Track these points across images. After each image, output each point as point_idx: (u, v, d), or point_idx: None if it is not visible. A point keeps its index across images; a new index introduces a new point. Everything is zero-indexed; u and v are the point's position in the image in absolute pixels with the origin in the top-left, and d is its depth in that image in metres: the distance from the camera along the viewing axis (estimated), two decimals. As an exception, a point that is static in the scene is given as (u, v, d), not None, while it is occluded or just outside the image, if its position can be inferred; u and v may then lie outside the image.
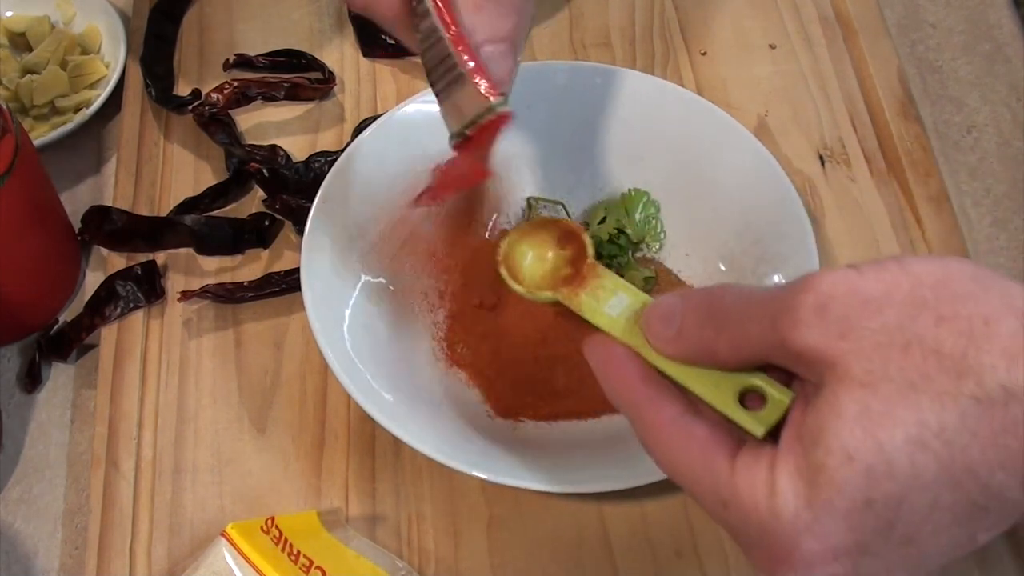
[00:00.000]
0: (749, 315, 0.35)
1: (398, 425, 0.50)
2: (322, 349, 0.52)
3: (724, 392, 0.37)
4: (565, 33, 0.71)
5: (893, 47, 0.70)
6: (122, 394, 0.58)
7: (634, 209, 0.60)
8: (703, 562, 0.52)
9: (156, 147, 0.67)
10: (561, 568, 0.52)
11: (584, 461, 0.51)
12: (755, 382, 0.37)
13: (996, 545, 0.52)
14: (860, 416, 0.31)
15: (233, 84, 0.67)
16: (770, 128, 0.66)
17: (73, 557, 0.55)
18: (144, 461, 0.56)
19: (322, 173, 0.59)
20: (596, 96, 0.61)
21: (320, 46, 0.71)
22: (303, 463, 0.55)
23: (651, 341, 0.38)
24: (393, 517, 0.54)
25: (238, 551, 0.48)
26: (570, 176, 0.62)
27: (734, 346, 0.36)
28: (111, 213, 0.62)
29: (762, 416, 0.36)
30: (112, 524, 0.54)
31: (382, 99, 0.69)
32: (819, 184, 0.64)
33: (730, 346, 0.36)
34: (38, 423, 0.59)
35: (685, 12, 0.72)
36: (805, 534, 0.32)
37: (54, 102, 0.68)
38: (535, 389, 0.55)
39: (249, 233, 0.62)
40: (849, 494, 0.31)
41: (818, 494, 0.32)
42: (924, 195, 0.63)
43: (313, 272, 0.54)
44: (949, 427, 0.31)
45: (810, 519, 0.32)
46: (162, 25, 0.71)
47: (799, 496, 0.32)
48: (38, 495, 0.57)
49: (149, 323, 0.60)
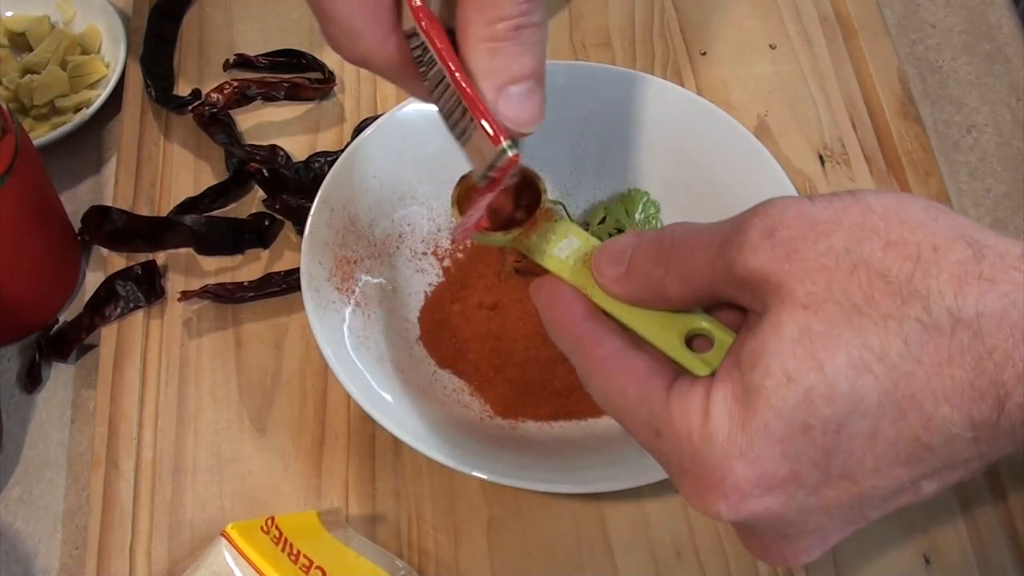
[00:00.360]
0: (698, 245, 0.34)
1: (398, 425, 0.50)
2: (322, 349, 0.52)
3: (670, 334, 0.36)
4: (565, 33, 0.71)
5: (893, 47, 0.70)
6: (122, 394, 0.58)
7: (634, 209, 0.60)
8: (703, 562, 0.52)
9: (156, 147, 0.67)
10: (561, 568, 0.52)
11: (584, 461, 0.51)
12: (702, 324, 0.36)
13: (996, 543, 0.52)
14: (801, 337, 0.30)
15: (233, 84, 0.67)
16: (770, 128, 0.66)
17: (73, 557, 0.55)
18: (144, 461, 0.56)
19: (322, 173, 0.59)
20: (596, 96, 0.61)
21: (320, 46, 0.71)
22: (303, 463, 0.55)
23: (599, 280, 0.38)
24: (393, 517, 0.54)
25: (238, 551, 0.48)
26: (570, 176, 0.62)
27: (682, 279, 0.35)
28: (111, 213, 0.61)
29: (707, 358, 0.36)
30: (112, 524, 0.54)
31: (382, 99, 0.69)
32: (819, 184, 0.64)
33: (679, 280, 0.35)
34: (38, 423, 0.59)
35: (685, 12, 0.72)
36: (738, 459, 0.31)
37: (54, 102, 0.68)
38: (535, 389, 0.55)
39: (249, 233, 0.62)
40: (786, 417, 0.30)
41: (753, 417, 0.31)
42: (924, 195, 0.63)
43: (313, 272, 0.54)
44: (892, 351, 0.30)
45: (744, 443, 0.31)
46: (162, 25, 0.71)
47: (733, 419, 0.31)
48: (38, 495, 0.57)
49: (149, 323, 0.60)
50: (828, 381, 0.30)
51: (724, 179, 0.58)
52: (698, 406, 0.32)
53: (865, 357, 0.30)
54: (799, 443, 0.30)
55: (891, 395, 0.30)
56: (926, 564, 0.52)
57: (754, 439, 0.31)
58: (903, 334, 0.29)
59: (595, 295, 0.38)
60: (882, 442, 0.30)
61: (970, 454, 0.31)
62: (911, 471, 0.31)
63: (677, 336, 0.36)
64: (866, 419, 0.30)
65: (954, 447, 0.30)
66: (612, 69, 0.62)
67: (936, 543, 0.52)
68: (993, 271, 0.29)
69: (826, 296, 0.30)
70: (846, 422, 0.30)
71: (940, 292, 0.29)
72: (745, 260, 0.32)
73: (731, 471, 0.31)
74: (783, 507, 0.32)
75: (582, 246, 0.41)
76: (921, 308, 0.29)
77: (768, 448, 0.31)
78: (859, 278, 0.30)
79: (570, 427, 0.54)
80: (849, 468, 0.31)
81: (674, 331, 0.37)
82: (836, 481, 0.31)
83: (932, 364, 0.29)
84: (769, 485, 0.31)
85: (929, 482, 0.31)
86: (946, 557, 0.52)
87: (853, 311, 0.30)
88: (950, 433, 0.30)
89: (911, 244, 0.30)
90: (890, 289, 0.30)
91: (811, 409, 0.30)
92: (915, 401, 0.30)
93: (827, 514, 0.32)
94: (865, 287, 0.30)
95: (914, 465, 0.31)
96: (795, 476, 0.31)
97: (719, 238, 0.34)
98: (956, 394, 0.29)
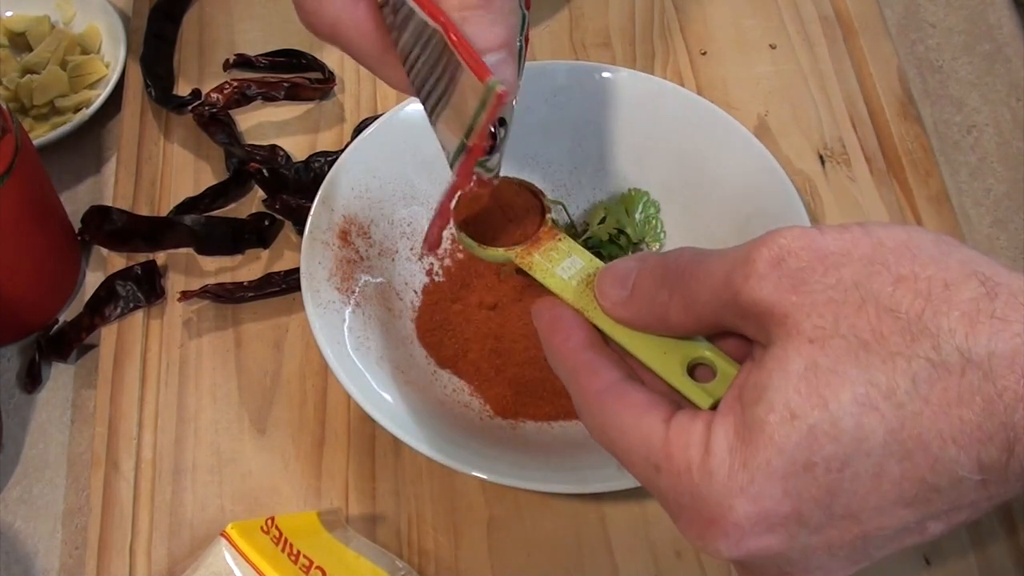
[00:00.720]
0: (704, 272, 0.34)
1: (398, 425, 0.50)
2: (322, 349, 0.52)
3: (672, 361, 0.36)
4: (565, 33, 0.71)
5: (893, 47, 0.70)
6: (122, 394, 0.58)
7: (634, 209, 0.60)
8: (703, 562, 0.52)
9: (156, 147, 0.67)
10: (561, 568, 0.52)
11: (584, 461, 0.51)
12: (704, 353, 0.35)
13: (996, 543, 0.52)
14: (806, 372, 0.30)
15: (233, 84, 0.67)
16: (770, 128, 0.66)
17: (73, 557, 0.55)
18: (144, 461, 0.56)
19: (322, 173, 0.59)
20: (596, 96, 0.61)
21: (320, 46, 0.71)
22: (303, 463, 0.55)
23: (602, 303, 0.37)
24: (393, 517, 0.54)
25: (238, 551, 0.48)
26: (570, 176, 0.62)
27: (687, 306, 0.34)
28: (111, 213, 0.61)
29: (710, 388, 0.35)
30: (112, 524, 0.54)
31: (382, 99, 0.69)
32: (819, 184, 0.64)
33: (683, 306, 0.34)
34: (38, 423, 0.59)
35: (685, 12, 0.72)
36: (739, 496, 0.30)
37: (54, 102, 0.68)
38: (535, 389, 0.55)
39: (249, 233, 0.62)
40: (789, 454, 0.29)
41: (755, 453, 0.30)
42: (924, 195, 0.63)
43: (313, 272, 0.54)
44: (900, 390, 0.29)
45: (745, 480, 0.30)
46: (162, 25, 0.71)
47: (735, 455, 0.30)
48: (38, 495, 0.57)
49: (149, 323, 0.60)
50: (833, 419, 0.29)
51: (724, 179, 0.59)
52: (698, 440, 0.32)
53: (871, 395, 0.29)
54: (801, 481, 0.30)
55: (897, 434, 0.29)
56: (926, 564, 0.52)
57: (756, 476, 0.30)
58: (911, 372, 0.29)
59: (596, 318, 0.38)
60: (887, 482, 0.29)
61: (978, 496, 0.30)
62: (916, 512, 0.30)
63: (679, 364, 0.36)
64: (871, 458, 0.29)
65: (961, 489, 0.29)
66: (612, 69, 0.62)
67: (936, 543, 0.52)
68: (1006, 310, 0.29)
69: (833, 331, 0.30)
70: (850, 460, 0.29)
71: (951, 330, 0.29)
72: (751, 290, 0.31)
73: (732, 508, 0.30)
74: (784, 546, 0.31)
75: (585, 267, 0.40)
76: (931, 346, 0.29)
77: (770, 486, 0.30)
78: (868, 313, 0.30)
79: (570, 427, 0.54)
80: (852, 507, 0.30)
81: (676, 359, 0.36)
82: (839, 520, 0.30)
83: (940, 404, 0.29)
84: (770, 523, 0.30)
85: (936, 523, 0.31)
86: (946, 557, 0.52)
87: (860, 347, 0.29)
88: (957, 475, 0.29)
89: (922, 280, 0.30)
90: (899, 326, 0.29)
91: (814, 447, 0.29)
92: (921, 441, 0.29)
93: (829, 553, 0.31)
94: (874, 323, 0.29)
95: (920, 506, 0.30)
96: (797, 514, 0.30)
97: (726, 266, 0.33)
98: (964, 436, 0.29)
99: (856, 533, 0.31)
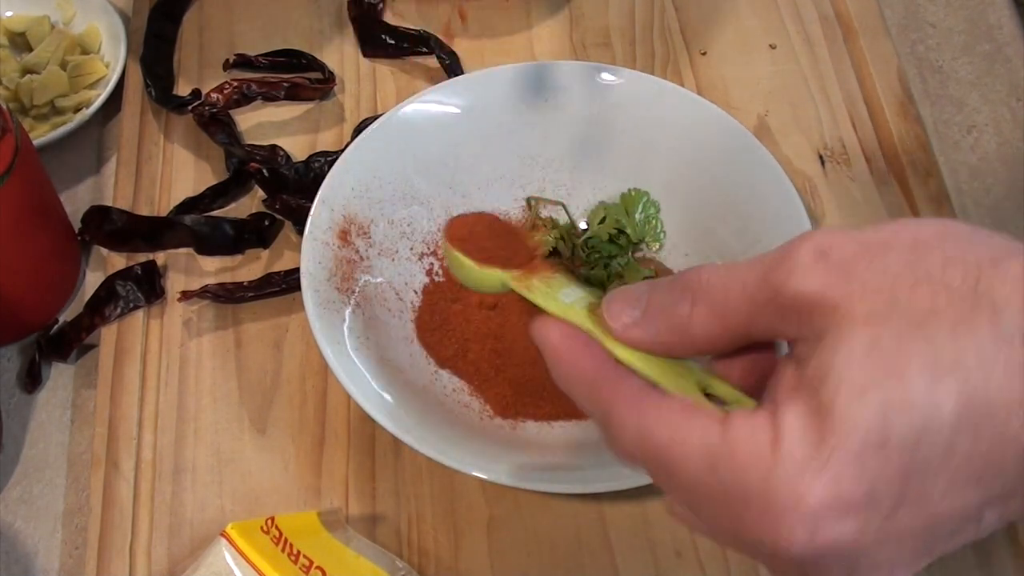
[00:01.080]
0: (734, 277, 0.33)
1: (398, 425, 0.50)
2: (322, 349, 0.52)
3: (689, 383, 0.34)
4: (565, 33, 0.71)
5: (893, 47, 0.70)
6: (122, 394, 0.58)
7: (634, 209, 0.60)
8: (703, 562, 0.52)
9: (156, 147, 0.67)
10: (561, 568, 0.52)
11: (584, 461, 0.51)
12: (716, 385, 0.34)
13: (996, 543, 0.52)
14: (871, 350, 0.29)
15: (233, 84, 0.67)
16: (770, 128, 0.66)
17: (73, 557, 0.55)
18: (144, 461, 0.56)
19: (322, 173, 0.59)
20: (596, 96, 0.61)
21: (320, 46, 0.71)
22: (303, 463, 0.55)
23: (612, 324, 0.35)
24: (393, 517, 0.54)
25: (238, 551, 0.48)
26: (570, 176, 0.62)
27: (715, 313, 0.33)
28: (111, 213, 0.61)
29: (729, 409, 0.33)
30: (112, 524, 0.54)
31: (382, 99, 0.69)
32: (819, 184, 0.64)
33: (708, 316, 0.33)
34: (38, 423, 0.59)
35: (685, 12, 0.72)
36: (815, 480, 0.29)
37: (54, 102, 0.68)
38: (535, 389, 0.55)
39: (249, 233, 0.62)
40: (863, 431, 0.29)
41: (829, 434, 0.29)
42: (924, 195, 0.63)
43: (313, 272, 0.54)
44: (966, 359, 0.28)
45: (821, 462, 0.29)
46: (162, 25, 0.71)
47: (808, 436, 0.29)
48: (38, 495, 0.57)
49: (149, 323, 0.60)
50: (904, 390, 0.29)
51: (724, 179, 0.59)
52: (764, 427, 0.31)
53: (940, 365, 0.29)
54: (876, 459, 0.29)
55: (967, 406, 0.28)
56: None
57: (831, 457, 0.29)
58: (976, 341, 0.29)
59: (605, 342, 0.35)
60: (957, 456, 0.29)
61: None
62: (980, 492, 0.30)
63: (696, 386, 0.34)
64: (942, 433, 0.29)
65: (1020, 467, 0.29)
66: (612, 69, 0.62)
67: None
68: None
69: (889, 311, 0.29)
70: (923, 436, 0.29)
71: (1007, 299, 0.29)
72: (796, 284, 0.31)
73: (809, 492, 0.29)
74: (857, 534, 0.30)
75: (587, 295, 0.38)
76: (991, 313, 0.29)
77: (845, 466, 0.29)
78: (923, 291, 0.29)
79: (570, 427, 0.54)
80: (925, 488, 0.29)
81: (691, 381, 0.34)
82: (911, 504, 0.30)
83: (1004, 374, 0.28)
84: (846, 507, 0.29)
85: (991, 510, 0.30)
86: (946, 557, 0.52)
87: (922, 321, 0.29)
88: (1019, 447, 0.29)
89: (970, 258, 0.30)
90: (956, 297, 0.29)
91: (887, 421, 0.29)
92: (989, 412, 0.29)
93: (899, 544, 0.31)
94: (931, 297, 0.29)
95: (984, 485, 0.30)
96: (871, 497, 0.29)
97: (759, 268, 0.32)
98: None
99: (926, 517, 0.30)
